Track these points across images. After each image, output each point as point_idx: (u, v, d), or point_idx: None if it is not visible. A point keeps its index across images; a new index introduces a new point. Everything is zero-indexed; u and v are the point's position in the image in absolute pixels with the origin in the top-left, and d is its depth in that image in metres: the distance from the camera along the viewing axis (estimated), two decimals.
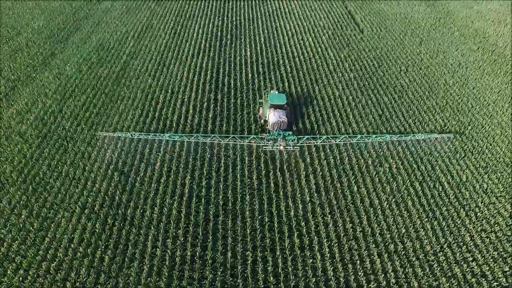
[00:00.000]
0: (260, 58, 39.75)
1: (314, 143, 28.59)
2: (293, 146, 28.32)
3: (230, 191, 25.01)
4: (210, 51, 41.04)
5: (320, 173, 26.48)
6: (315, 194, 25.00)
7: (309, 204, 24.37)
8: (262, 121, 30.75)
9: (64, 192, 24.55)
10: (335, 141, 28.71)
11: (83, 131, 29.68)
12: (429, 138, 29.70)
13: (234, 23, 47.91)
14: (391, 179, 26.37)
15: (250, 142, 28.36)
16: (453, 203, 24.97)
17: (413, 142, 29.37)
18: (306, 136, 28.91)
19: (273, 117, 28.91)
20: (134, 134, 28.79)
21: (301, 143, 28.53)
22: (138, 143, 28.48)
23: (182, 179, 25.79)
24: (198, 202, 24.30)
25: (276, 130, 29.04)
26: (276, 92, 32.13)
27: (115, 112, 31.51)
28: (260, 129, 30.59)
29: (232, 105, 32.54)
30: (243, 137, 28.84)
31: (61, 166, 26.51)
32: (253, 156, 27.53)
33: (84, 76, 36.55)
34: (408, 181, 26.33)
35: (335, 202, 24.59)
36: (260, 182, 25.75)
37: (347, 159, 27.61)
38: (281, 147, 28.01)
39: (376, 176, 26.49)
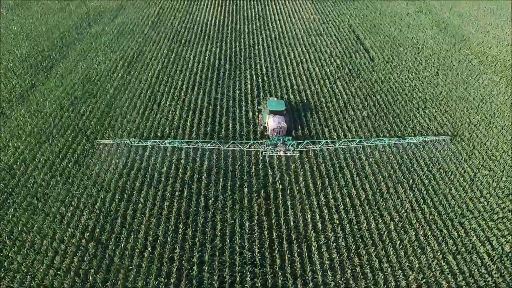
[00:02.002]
0: (262, 93, 35.89)
1: (313, 147, 28.88)
2: (293, 150, 28.26)
3: (227, 268, 20.76)
4: (206, 84, 37.17)
5: (334, 244, 22.26)
6: (329, 272, 20.74)
7: (323, 287, 20.12)
8: (262, 127, 30.94)
9: (24, 271, 20.24)
10: (334, 146, 29.00)
11: (58, 184, 25.57)
12: (424, 140, 30.14)
13: (233, 50, 44.24)
14: (419, 251, 22.15)
15: (250, 148, 28.53)
16: (499, 286, 20.68)
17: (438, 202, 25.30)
18: (306, 141, 29.01)
19: (272, 122, 29.13)
20: (133, 141, 28.85)
21: (301, 148, 28.68)
22: (120, 202, 24.37)
23: (170, 251, 21.57)
24: (188, 284, 20.00)
25: (275, 136, 29.22)
26: (275, 99, 32.46)
27: (96, 161, 27.46)
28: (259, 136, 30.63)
29: (230, 152, 28.46)
30: (243, 142, 28.96)
31: (26, 233, 22.26)
32: (255, 221, 23.34)
33: (65, 113, 32.59)
34: (439, 251, 22.12)
35: (354, 284, 20.32)
36: (263, 256, 21.53)
37: (364, 223, 23.42)
38: (281, 152, 28.10)
39: (401, 247, 22.26)
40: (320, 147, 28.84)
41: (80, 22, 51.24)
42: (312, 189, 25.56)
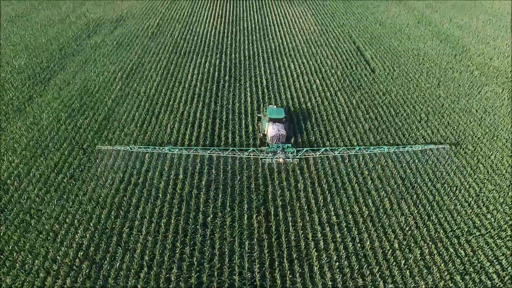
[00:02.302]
0: (262, 105, 35.41)
1: (313, 155, 28.70)
2: (292, 158, 28.28)
3: None
4: (206, 96, 36.73)
5: (337, 263, 21.42)
6: None
7: None
8: (261, 134, 30.99)
9: None
10: (334, 153, 28.91)
11: (52, 201, 24.85)
12: (424, 149, 30.11)
13: (233, 61, 43.95)
14: (425, 271, 21.31)
15: (249, 155, 28.39)
16: None
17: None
18: (306, 149, 28.98)
19: (272, 130, 29.19)
20: (133, 147, 28.84)
21: (301, 156, 28.51)
22: (116, 219, 23.61)
23: (167, 272, 20.70)
24: None
25: (275, 143, 29.13)
26: (275, 107, 32.49)
27: (92, 176, 26.79)
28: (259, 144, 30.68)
29: (229, 167, 27.86)
30: (243, 149, 28.92)
31: (17, 252, 21.47)
32: (255, 240, 22.58)
33: (62, 126, 32.04)
34: (445, 271, 21.30)
35: None
36: (263, 276, 20.69)
37: (368, 241, 22.63)
38: (281, 159, 28.04)
39: (406, 267, 21.43)
40: (319, 154, 28.57)
41: (80, 33, 51.13)
42: (314, 205, 24.83)
